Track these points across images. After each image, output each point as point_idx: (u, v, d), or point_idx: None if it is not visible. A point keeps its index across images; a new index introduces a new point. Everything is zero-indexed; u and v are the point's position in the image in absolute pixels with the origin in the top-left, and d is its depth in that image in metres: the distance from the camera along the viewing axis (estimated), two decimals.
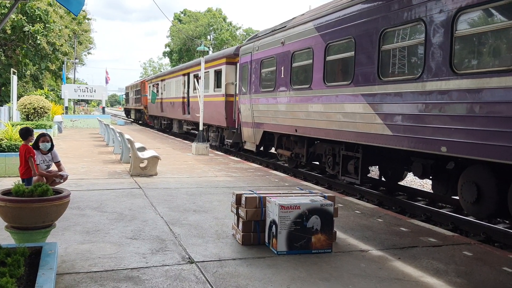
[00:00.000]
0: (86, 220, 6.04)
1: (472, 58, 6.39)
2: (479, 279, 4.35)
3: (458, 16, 6.34)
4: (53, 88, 40.74)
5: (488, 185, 6.49)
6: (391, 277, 4.31)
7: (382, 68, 7.91)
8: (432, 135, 6.74)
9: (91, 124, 30.18)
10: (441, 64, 6.59)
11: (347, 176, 9.43)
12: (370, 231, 5.94)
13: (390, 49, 7.80)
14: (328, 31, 9.54)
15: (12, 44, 29.98)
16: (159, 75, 32.92)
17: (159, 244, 5.06)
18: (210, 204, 7.24)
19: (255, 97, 13.45)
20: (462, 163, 7.10)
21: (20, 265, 3.41)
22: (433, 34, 6.74)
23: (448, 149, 6.49)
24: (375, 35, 7.99)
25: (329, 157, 10.33)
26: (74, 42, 45.15)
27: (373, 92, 8.04)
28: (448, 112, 6.48)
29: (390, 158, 8.96)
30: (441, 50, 6.60)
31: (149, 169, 10.17)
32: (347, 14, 8.85)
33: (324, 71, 9.66)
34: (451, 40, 6.43)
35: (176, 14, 73.63)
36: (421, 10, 6.95)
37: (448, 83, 6.46)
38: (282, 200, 4.92)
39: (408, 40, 7.40)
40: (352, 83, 8.62)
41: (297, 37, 10.94)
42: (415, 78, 7.09)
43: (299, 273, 4.30)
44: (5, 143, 9.91)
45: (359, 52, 8.45)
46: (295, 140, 11.94)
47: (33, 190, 4.41)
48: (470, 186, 6.73)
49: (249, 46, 14.27)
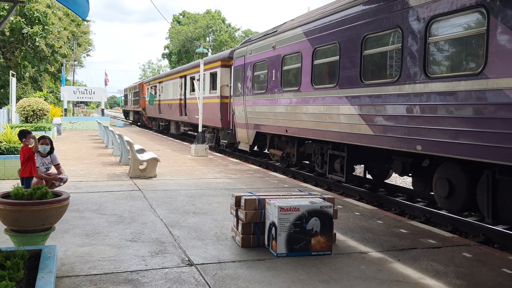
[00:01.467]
0: (86, 222, 6.03)
1: (444, 63, 6.85)
2: (479, 280, 4.35)
3: (430, 24, 6.79)
4: (52, 90, 40.72)
5: (459, 181, 6.99)
6: (391, 279, 4.31)
7: (364, 71, 8.37)
8: (409, 135, 7.18)
9: (90, 126, 30.17)
10: (416, 68, 7.04)
11: (334, 174, 9.92)
12: (370, 233, 5.94)
13: (371, 54, 8.26)
14: (315, 36, 10.04)
15: (11, 46, 29.97)
16: (157, 77, 33.38)
17: (158, 247, 5.05)
18: (209, 206, 7.24)
19: (248, 99, 13.98)
20: (436, 161, 7.54)
21: (19, 268, 3.41)
22: (409, 40, 7.20)
23: (423, 147, 6.93)
24: (357, 41, 8.46)
25: (318, 156, 10.79)
26: (73, 44, 45.15)
27: (356, 94, 8.50)
28: (422, 113, 6.91)
29: (373, 157, 9.37)
30: (416, 55, 7.06)
31: (149, 171, 10.16)
32: (333, 21, 9.35)
33: (312, 74, 10.15)
34: (425, 46, 6.89)
35: (175, 16, 73.67)
36: (399, 18, 7.40)
37: (422, 86, 6.92)
38: (281, 202, 4.92)
39: (387, 45, 7.82)
40: (337, 86, 9.09)
41: (287, 42, 11.45)
42: (393, 81, 7.52)
43: (299, 275, 4.30)
44: (4, 146, 9.90)
45: (343, 57, 8.92)
46: (286, 140, 12.41)
47: (33, 193, 4.41)
48: (443, 182, 7.22)
49: (243, 49, 14.76)
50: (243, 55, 14.61)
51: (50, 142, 6.94)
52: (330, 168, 10.04)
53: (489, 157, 5.85)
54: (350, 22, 8.70)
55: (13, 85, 21.98)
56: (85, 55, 59.12)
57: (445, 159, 7.19)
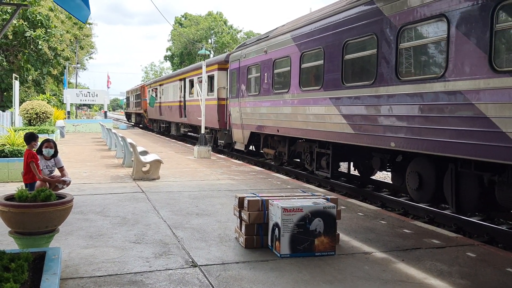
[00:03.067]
0: (89, 224, 6.04)
1: (412, 67, 7.49)
2: (483, 280, 4.34)
3: (401, 32, 7.48)
4: (55, 93, 40.83)
5: (427, 174, 7.65)
6: (394, 279, 4.30)
7: (345, 74, 9.07)
8: (384, 133, 7.88)
9: (93, 128, 30.23)
10: (389, 72, 7.72)
11: (321, 171, 10.66)
12: (373, 233, 5.93)
13: (351, 59, 8.94)
14: (302, 41, 10.75)
15: (14, 49, 30.09)
16: (158, 80, 33.97)
17: (162, 248, 5.06)
18: (212, 208, 7.24)
19: (243, 100, 14.69)
20: (409, 156, 8.18)
21: (24, 270, 3.42)
22: (383, 46, 7.88)
23: (396, 144, 7.62)
24: (339, 46, 9.17)
25: (307, 155, 11.52)
26: (76, 47, 45.30)
27: (338, 96, 9.21)
28: (395, 113, 7.62)
29: (356, 154, 10.12)
30: (389, 60, 7.74)
31: (152, 173, 10.18)
32: (318, 27, 10.05)
33: (300, 77, 10.87)
34: (396, 51, 7.56)
35: (177, 18, 73.79)
36: (374, 25, 8.09)
37: (394, 88, 7.61)
38: (284, 203, 4.92)
39: (365, 51, 8.48)
40: (322, 88, 9.80)
41: (277, 46, 12.18)
42: (370, 84, 8.19)
43: (303, 276, 4.30)
44: (8, 149, 9.93)
45: (327, 61, 9.62)
46: (278, 140, 13.18)
47: (36, 195, 4.42)
48: (414, 176, 7.89)
49: (238, 53, 15.47)
50: (238, 59, 15.31)
51: (54, 145, 6.96)
52: (317, 165, 10.82)
53: (450, 152, 6.56)
54: (333, 29, 9.41)
55: (16, 88, 22.05)
56: (88, 57, 59.32)
57: (416, 155, 7.78)
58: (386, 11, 7.77)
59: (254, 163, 15.26)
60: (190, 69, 24.52)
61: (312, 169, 11.25)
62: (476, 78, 6.09)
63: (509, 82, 5.63)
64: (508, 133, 5.63)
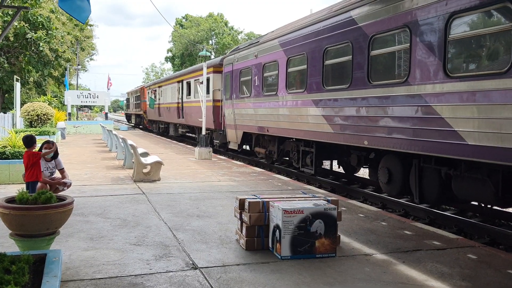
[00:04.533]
0: (90, 226, 6.05)
1: (381, 72, 8.19)
2: (484, 282, 4.33)
3: (372, 40, 8.17)
4: (56, 95, 40.88)
5: (396, 169, 8.39)
6: (395, 281, 4.30)
7: (325, 78, 9.82)
8: (358, 132, 8.59)
9: (94, 130, 30.27)
10: (362, 76, 8.42)
11: (306, 168, 11.49)
12: (374, 235, 5.93)
13: (330, 64, 9.70)
14: (288, 47, 11.53)
15: (15, 51, 30.13)
16: (157, 82, 34.72)
17: (162, 250, 5.06)
18: (213, 209, 7.24)
19: (236, 102, 15.48)
20: (381, 154, 8.85)
21: (24, 272, 3.42)
22: (357, 53, 8.60)
23: (369, 142, 8.34)
24: (320, 52, 9.92)
25: (295, 153, 12.27)
26: (77, 49, 45.34)
27: (319, 98, 9.97)
28: (367, 114, 8.30)
29: (337, 152, 10.85)
30: (362, 65, 8.43)
31: (152, 175, 10.18)
32: (302, 34, 10.81)
33: (286, 81, 11.63)
34: (368, 58, 8.26)
35: (178, 19, 73.81)
36: (349, 34, 8.82)
37: (366, 91, 8.31)
38: (285, 205, 4.92)
39: (342, 57, 9.21)
40: (306, 91, 10.54)
41: (266, 51, 12.99)
42: (346, 87, 8.90)
43: (303, 278, 4.29)
44: (9, 150, 9.94)
45: (310, 65, 10.36)
46: (269, 139, 13.97)
47: (37, 197, 4.43)
48: (384, 171, 8.63)
49: (231, 57, 16.26)
50: (231, 63, 16.06)
51: (55, 147, 6.98)
52: (303, 162, 11.66)
53: (413, 149, 7.25)
54: (315, 36, 10.16)
55: (17, 90, 22.09)
56: (89, 59, 59.37)
57: (387, 152, 8.50)
58: (359, 21, 8.54)
59: (255, 164, 15.27)
60: (187, 71, 25.33)
61: (299, 166, 12.00)
62: (433, 83, 6.78)
63: (459, 86, 6.32)
64: (460, 132, 6.33)
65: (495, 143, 5.81)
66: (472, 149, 6.16)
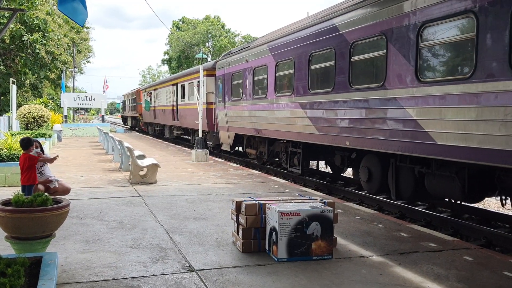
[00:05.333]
0: (86, 229, 6.03)
1: (360, 76, 8.65)
2: (480, 284, 4.34)
3: (352, 46, 8.70)
4: (53, 97, 40.76)
5: (375, 168, 8.92)
6: (392, 283, 4.31)
7: (310, 82, 10.34)
8: (341, 133, 9.13)
9: (91, 132, 30.19)
10: (344, 80, 8.98)
11: (294, 168, 12.12)
12: (371, 237, 5.94)
13: (315, 68, 10.21)
14: (277, 52, 12.10)
15: (11, 53, 30.04)
16: (152, 85, 35.26)
17: (159, 253, 5.05)
18: (210, 212, 7.24)
19: (228, 105, 16.01)
20: (362, 153, 9.38)
21: (20, 275, 3.40)
22: (339, 58, 9.15)
23: (350, 143, 8.87)
24: (306, 57, 10.45)
25: (284, 154, 12.84)
26: (73, 51, 45.25)
27: (306, 101, 10.49)
28: (348, 116, 8.84)
29: (323, 153, 11.38)
30: (344, 70, 8.99)
31: (149, 177, 10.16)
32: (289, 40, 11.37)
33: (275, 84, 12.15)
34: (349, 63, 8.81)
35: (175, 22, 73.79)
36: (332, 40, 9.39)
37: (347, 95, 8.85)
38: (282, 207, 4.92)
39: (325, 62, 9.73)
40: (293, 94, 11.08)
41: (256, 56, 13.53)
42: (329, 91, 9.45)
43: (300, 280, 4.29)
44: (5, 153, 9.91)
45: (297, 70, 10.90)
46: (259, 141, 14.54)
47: (33, 200, 4.41)
48: (364, 170, 9.18)
49: (223, 61, 16.81)
50: (224, 66, 16.59)
51: (39, 144, 7.07)
52: (291, 163, 12.27)
53: (390, 149, 7.76)
54: (301, 42, 10.70)
55: (14, 92, 22.01)
56: (85, 61, 59.25)
57: (367, 152, 8.99)
58: (342, 28, 9.07)
59: (251, 167, 15.28)
60: (181, 74, 25.85)
61: (287, 167, 12.60)
62: (406, 87, 7.31)
63: (430, 90, 6.83)
64: (430, 132, 6.83)
65: (460, 143, 6.30)
66: (441, 149, 6.66)
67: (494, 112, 5.79)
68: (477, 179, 6.93)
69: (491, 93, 5.84)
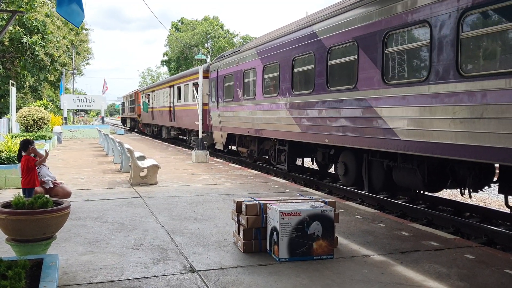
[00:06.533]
0: (87, 230, 6.02)
1: (336, 79, 9.45)
2: (482, 282, 4.34)
3: (329, 51, 9.53)
4: (52, 99, 40.75)
5: (350, 163, 9.79)
6: (393, 282, 4.30)
7: (293, 84, 11.17)
8: (320, 131, 9.93)
9: (91, 134, 30.19)
10: (322, 82, 9.77)
11: (281, 165, 13.01)
12: (372, 236, 5.93)
13: (298, 71, 11.03)
14: (264, 56, 12.91)
15: (11, 56, 30.03)
16: (150, 87, 36.14)
17: (160, 254, 5.05)
18: (210, 212, 7.23)
19: (220, 105, 16.84)
20: (340, 150, 10.18)
21: (21, 278, 3.40)
22: (318, 62, 9.95)
23: (329, 140, 9.67)
24: (289, 61, 11.29)
25: (272, 151, 13.64)
26: (72, 53, 45.25)
27: (290, 101, 11.31)
28: (326, 115, 9.63)
29: (307, 150, 12.14)
30: (322, 73, 9.78)
31: (149, 178, 10.16)
32: (275, 44, 12.21)
33: (263, 86, 12.98)
34: (327, 66, 9.61)
35: (174, 23, 73.81)
36: (312, 46, 10.22)
37: (325, 96, 9.68)
38: (282, 207, 4.91)
39: (307, 65, 10.55)
40: (278, 95, 11.93)
41: (246, 59, 14.32)
42: (310, 92, 10.28)
43: (301, 280, 4.29)
44: (5, 155, 9.90)
45: (281, 73, 11.76)
46: (250, 139, 15.30)
47: (33, 202, 4.40)
48: (341, 165, 10.09)
49: (216, 64, 17.67)
50: (217, 69, 17.38)
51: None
52: (278, 160, 13.12)
53: (362, 145, 8.58)
54: (285, 47, 11.52)
55: (13, 94, 21.99)
56: (85, 63, 59.26)
57: (345, 148, 9.81)
58: (320, 34, 9.87)
59: (252, 167, 15.28)
60: (178, 76, 26.66)
61: (275, 163, 13.45)
62: (374, 89, 8.10)
63: (393, 91, 7.65)
64: (394, 129, 7.63)
65: (419, 138, 7.11)
66: (403, 144, 7.47)
67: (445, 111, 6.57)
68: (435, 171, 7.76)
69: (442, 94, 6.62)
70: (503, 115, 5.69)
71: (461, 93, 6.29)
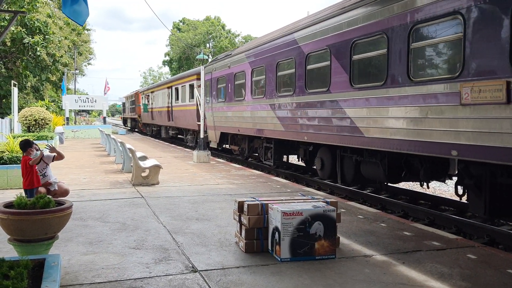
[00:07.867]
0: (89, 230, 6.03)
1: (313, 82, 10.40)
2: (484, 282, 4.33)
3: (307, 57, 10.54)
4: (54, 99, 40.79)
5: (326, 158, 10.88)
6: (395, 282, 4.29)
7: (278, 86, 12.18)
8: (300, 130, 10.93)
9: (93, 134, 30.23)
10: (301, 85, 10.78)
11: (268, 161, 14.03)
12: (374, 236, 5.93)
13: (281, 74, 12.04)
14: (253, 60, 13.93)
15: (12, 56, 30.08)
16: (150, 88, 37.09)
17: (162, 254, 5.05)
18: (212, 212, 7.23)
19: (214, 106, 17.80)
20: (318, 146, 11.16)
21: (23, 278, 3.40)
22: (298, 67, 10.96)
23: (307, 138, 10.68)
24: (274, 65, 12.32)
25: (261, 149, 14.59)
26: (74, 53, 45.31)
27: (275, 102, 12.34)
28: (306, 115, 10.63)
29: (291, 147, 13.01)
30: (301, 76, 10.79)
31: (151, 178, 10.16)
32: (262, 49, 13.21)
33: (252, 88, 13.96)
34: (305, 71, 10.64)
35: (175, 23, 73.86)
36: (293, 52, 11.25)
37: (304, 97, 10.70)
38: (284, 207, 4.91)
39: (289, 69, 11.54)
40: (265, 97, 12.91)
41: (237, 63, 15.31)
42: (291, 94, 11.33)
43: (303, 280, 4.29)
44: (7, 156, 9.92)
45: (267, 76, 12.77)
46: (241, 138, 16.30)
47: (35, 202, 4.41)
48: (319, 160, 11.20)
49: (210, 66, 18.64)
50: (211, 71, 18.28)
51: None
52: (265, 157, 14.13)
53: (335, 142, 9.51)
54: (271, 52, 12.56)
55: (15, 95, 22.04)
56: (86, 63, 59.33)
57: (321, 145, 10.80)
58: (300, 41, 10.88)
59: (253, 167, 15.28)
60: (176, 78, 27.76)
61: (263, 160, 14.42)
62: (343, 91, 9.06)
63: (358, 94, 8.60)
64: (360, 128, 8.56)
65: (379, 135, 8.05)
66: (367, 140, 8.39)
67: (399, 111, 7.54)
68: (394, 164, 8.71)
69: (396, 96, 7.60)
70: (443, 115, 6.67)
71: (410, 95, 7.32)
